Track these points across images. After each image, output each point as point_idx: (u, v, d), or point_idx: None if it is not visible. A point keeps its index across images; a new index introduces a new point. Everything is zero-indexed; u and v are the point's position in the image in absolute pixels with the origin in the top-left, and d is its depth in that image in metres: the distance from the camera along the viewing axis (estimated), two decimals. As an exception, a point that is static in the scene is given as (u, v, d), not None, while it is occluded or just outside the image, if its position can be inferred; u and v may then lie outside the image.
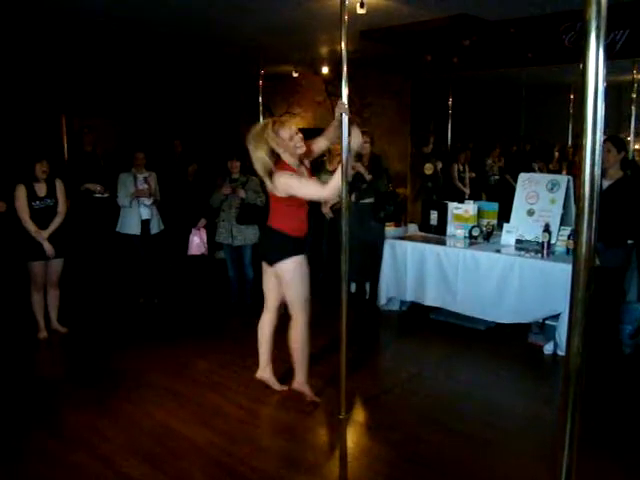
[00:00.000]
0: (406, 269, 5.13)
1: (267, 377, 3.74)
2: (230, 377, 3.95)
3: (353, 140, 2.85)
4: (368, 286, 5.72)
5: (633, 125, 6.28)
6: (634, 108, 6.22)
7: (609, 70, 1.13)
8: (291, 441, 3.15)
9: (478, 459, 2.95)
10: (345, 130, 2.64)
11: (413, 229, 5.95)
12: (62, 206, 4.70)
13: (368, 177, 5.33)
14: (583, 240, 1.17)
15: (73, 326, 4.94)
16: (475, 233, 5.15)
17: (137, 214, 5.51)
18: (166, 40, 6.49)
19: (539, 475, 2.75)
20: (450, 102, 8.15)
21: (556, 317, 4.28)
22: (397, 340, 5.01)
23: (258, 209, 5.18)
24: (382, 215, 5.47)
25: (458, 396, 3.69)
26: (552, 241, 4.57)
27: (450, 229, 5.36)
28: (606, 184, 4.08)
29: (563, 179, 4.83)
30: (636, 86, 6.14)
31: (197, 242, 5.81)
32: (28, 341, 4.67)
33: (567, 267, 4.11)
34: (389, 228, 5.71)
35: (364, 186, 5.36)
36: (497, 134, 9.69)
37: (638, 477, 2.83)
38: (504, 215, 5.25)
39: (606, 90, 1.12)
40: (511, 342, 4.62)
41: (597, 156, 1.12)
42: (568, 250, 4.45)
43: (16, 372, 4.10)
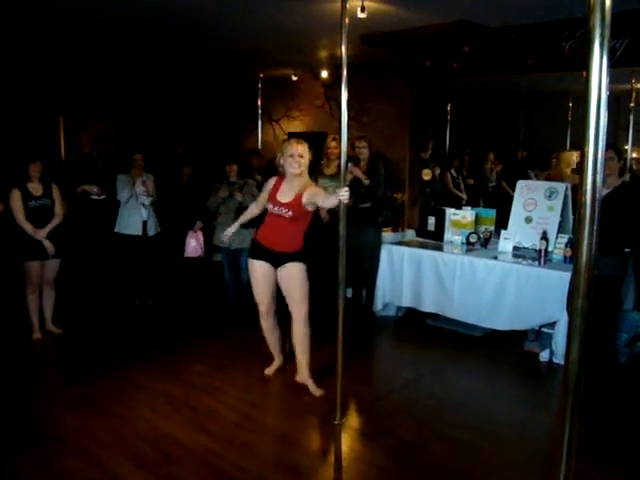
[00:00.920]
0: (403, 275, 5.12)
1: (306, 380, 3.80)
2: (225, 381, 3.93)
3: (328, 201, 3.25)
4: (364, 291, 5.71)
5: (631, 134, 6.29)
6: (632, 117, 6.23)
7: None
8: (286, 446, 3.13)
9: (473, 465, 2.94)
10: (344, 133, 2.65)
11: (410, 234, 5.94)
12: (59, 209, 4.69)
13: (366, 182, 5.32)
14: (583, 248, 1.16)
15: (68, 327, 4.91)
16: (472, 239, 5.15)
17: (139, 214, 5.49)
18: (165, 42, 6.48)
19: (534, 483, 2.74)
20: (449, 108, 8.16)
21: (552, 325, 4.28)
22: (393, 346, 5.00)
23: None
24: (380, 220, 5.46)
25: (453, 402, 3.69)
26: (549, 249, 4.57)
27: (447, 235, 5.35)
28: (605, 192, 4.08)
29: (561, 187, 4.83)
30: (634, 95, 6.16)
31: (193, 244, 5.80)
32: (22, 342, 4.64)
33: (564, 275, 4.11)
34: (386, 233, 5.71)
35: (362, 191, 5.35)
36: (495, 141, 9.68)
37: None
38: (502, 222, 5.25)
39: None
40: (507, 349, 4.62)
41: (599, 164, 1.12)
42: (565, 258, 4.45)
43: (8, 374, 4.06)
